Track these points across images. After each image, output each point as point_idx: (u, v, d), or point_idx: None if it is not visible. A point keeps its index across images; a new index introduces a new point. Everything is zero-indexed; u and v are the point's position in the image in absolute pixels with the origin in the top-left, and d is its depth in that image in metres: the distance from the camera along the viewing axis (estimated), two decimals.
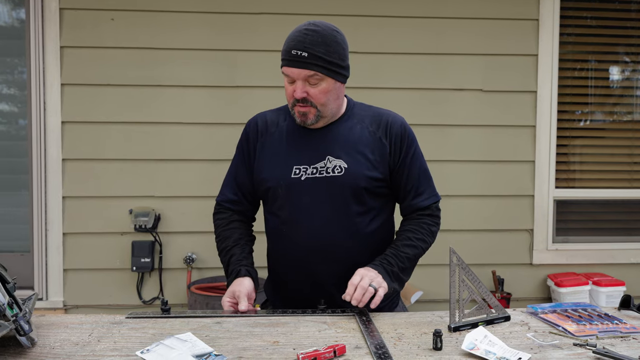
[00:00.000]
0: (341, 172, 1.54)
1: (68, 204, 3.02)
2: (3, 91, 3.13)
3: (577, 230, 3.34)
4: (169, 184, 3.03)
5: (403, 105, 3.09)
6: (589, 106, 3.38)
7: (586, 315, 1.42)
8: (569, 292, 3.05)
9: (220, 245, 1.67)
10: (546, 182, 3.23)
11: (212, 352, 1.15)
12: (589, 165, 3.37)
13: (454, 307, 1.33)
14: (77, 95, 3.01)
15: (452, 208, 3.17)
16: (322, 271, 1.57)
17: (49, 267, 3.01)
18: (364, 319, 1.38)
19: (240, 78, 3.05)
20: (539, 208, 3.22)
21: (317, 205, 1.55)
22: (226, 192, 1.72)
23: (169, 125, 3.05)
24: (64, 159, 3.01)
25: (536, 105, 3.20)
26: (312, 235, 1.56)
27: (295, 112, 1.53)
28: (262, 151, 1.63)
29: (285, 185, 1.56)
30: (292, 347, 1.20)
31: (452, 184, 3.17)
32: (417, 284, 3.07)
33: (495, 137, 3.19)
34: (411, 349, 1.20)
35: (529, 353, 1.17)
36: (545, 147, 3.21)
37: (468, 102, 3.18)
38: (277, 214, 1.61)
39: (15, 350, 1.15)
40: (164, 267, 3.08)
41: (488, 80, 3.18)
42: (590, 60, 3.36)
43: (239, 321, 1.39)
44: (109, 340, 1.24)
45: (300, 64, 1.45)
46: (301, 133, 1.60)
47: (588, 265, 3.28)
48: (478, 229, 3.20)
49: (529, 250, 3.25)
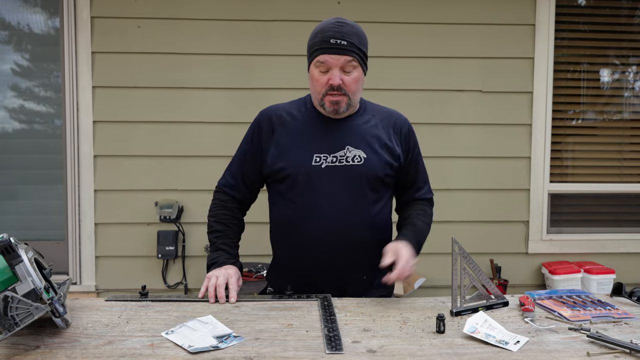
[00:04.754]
0: (361, 162, 1.52)
1: (99, 196, 3.04)
2: (40, 94, 3.15)
3: (570, 221, 3.29)
4: (191, 178, 3.03)
5: (407, 105, 3.06)
6: (582, 106, 3.32)
7: (580, 301, 1.40)
8: (562, 279, 3.01)
9: (214, 225, 1.63)
10: (541, 176, 3.18)
11: (231, 334, 1.15)
12: (581, 161, 3.31)
13: (455, 293, 1.32)
14: (107, 97, 3.02)
15: (453, 201, 3.14)
16: (336, 255, 1.53)
17: (82, 254, 3.03)
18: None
19: (256, 80, 3.04)
20: (534, 201, 3.18)
21: (337, 192, 1.51)
22: (228, 176, 1.68)
23: (191, 124, 3.05)
24: (95, 156, 3.02)
25: (532, 105, 3.15)
26: (329, 221, 1.51)
27: (325, 101, 1.49)
28: (280, 141, 1.56)
29: (305, 172, 1.51)
30: (305, 329, 1.19)
31: (452, 179, 3.14)
32: (420, 271, 3.05)
33: (493, 134, 3.15)
34: (416, 332, 1.19)
35: (526, 336, 1.15)
36: (540, 144, 3.16)
37: (468, 102, 3.14)
38: (294, 200, 1.55)
39: (51, 331, 1.16)
40: (187, 254, 3.09)
41: (487, 81, 3.13)
42: (583, 63, 3.30)
43: (256, 305, 1.38)
44: (137, 321, 1.24)
45: (340, 50, 1.43)
46: (320, 124, 1.56)
47: (580, 254, 3.23)
48: (477, 220, 3.17)
49: (524, 240, 3.21)
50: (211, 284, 1.43)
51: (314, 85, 1.51)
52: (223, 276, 1.44)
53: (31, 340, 1.11)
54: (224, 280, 1.43)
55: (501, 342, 1.11)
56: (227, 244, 1.59)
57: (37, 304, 1.06)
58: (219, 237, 1.60)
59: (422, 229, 1.61)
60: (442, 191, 3.11)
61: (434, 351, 1.07)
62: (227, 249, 1.57)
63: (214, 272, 1.47)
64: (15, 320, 1.04)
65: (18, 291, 1.08)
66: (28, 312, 1.05)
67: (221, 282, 1.42)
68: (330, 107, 1.50)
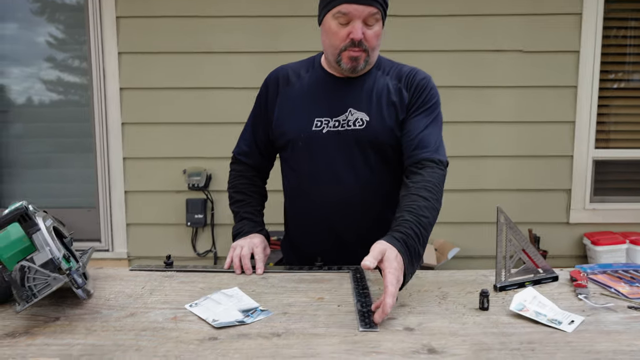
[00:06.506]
0: (362, 126, 1.36)
1: (128, 164, 3.01)
2: (69, 62, 3.10)
3: (615, 190, 3.09)
4: (218, 145, 2.96)
5: (442, 67, 2.89)
6: (632, 65, 3.06)
7: (638, 276, 1.26)
8: (606, 250, 2.85)
9: (234, 196, 1.53)
10: (586, 142, 2.98)
11: (258, 307, 1.07)
12: (628, 126, 3.08)
13: (500, 266, 1.20)
14: (133, 63, 2.95)
15: (490, 168, 2.98)
16: (342, 227, 1.41)
17: (113, 221, 3.03)
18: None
19: (283, 44, 2.91)
20: (577, 168, 2.99)
21: (338, 160, 1.37)
22: (241, 144, 1.57)
23: (216, 90, 2.95)
24: (123, 123, 2.97)
25: (578, 65, 2.92)
26: (331, 190, 1.39)
27: (343, 57, 1.32)
28: (283, 103, 1.44)
29: (305, 138, 1.38)
30: (336, 303, 1.10)
31: (490, 145, 2.97)
32: (454, 240, 2.93)
33: (535, 98, 2.95)
34: (457, 309, 1.08)
35: (581, 315, 1.03)
36: (586, 108, 2.94)
37: (507, 63, 2.93)
38: (295, 168, 1.44)
39: (72, 302, 1.11)
40: (216, 222, 3.05)
41: (528, 40, 2.91)
42: (635, 19, 3.02)
43: (284, 277, 1.30)
44: (161, 293, 1.18)
45: (364, 0, 1.26)
46: (325, 84, 1.41)
47: (625, 224, 3.04)
48: (515, 189, 3.00)
49: (566, 209, 3.04)
50: (235, 254, 1.35)
51: (330, 39, 1.33)
52: (248, 246, 1.36)
53: (52, 311, 1.06)
54: (248, 250, 1.35)
55: (553, 321, 1.00)
56: (250, 212, 1.50)
57: (55, 275, 1.00)
58: (242, 207, 1.52)
59: (424, 215, 1.19)
60: (478, 158, 2.95)
61: (478, 330, 0.97)
62: (251, 217, 1.49)
63: (239, 242, 1.39)
64: (33, 292, 0.98)
65: (35, 261, 1.02)
66: (46, 282, 1.00)
67: (246, 252, 1.34)
68: (348, 64, 1.33)
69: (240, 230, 1.46)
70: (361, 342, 0.92)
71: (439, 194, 1.26)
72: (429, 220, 1.20)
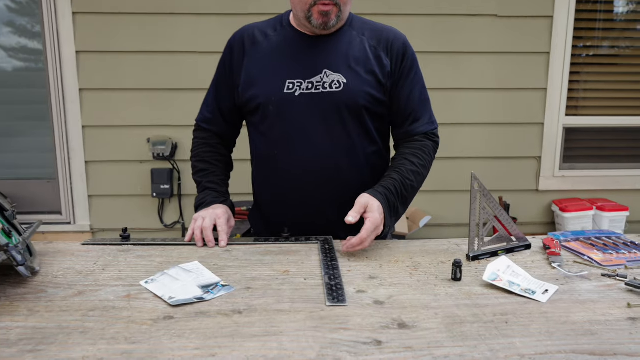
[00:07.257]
0: (340, 88, 1.27)
1: (88, 133, 2.85)
2: (20, 24, 2.87)
3: (584, 157, 3.10)
4: (184, 113, 2.82)
5: (415, 32, 2.79)
6: (604, 32, 3.02)
7: (611, 243, 1.24)
8: (573, 217, 2.87)
9: (197, 165, 1.44)
10: (557, 109, 2.96)
11: (219, 282, 1.00)
12: (598, 93, 3.07)
13: (473, 235, 1.15)
14: (90, 25, 2.75)
15: (462, 136, 2.95)
16: (317, 196, 1.34)
17: (74, 193, 2.89)
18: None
19: (252, 5, 2.76)
20: (548, 135, 2.98)
21: (312, 124, 1.29)
22: (204, 111, 1.47)
23: (183, 54, 2.80)
24: (80, 89, 2.79)
25: (552, 31, 2.87)
26: (306, 156, 1.31)
27: (314, 12, 1.23)
28: (250, 65, 1.33)
29: (276, 102, 1.29)
30: (303, 277, 1.04)
31: (463, 112, 2.92)
32: (426, 209, 2.90)
33: (508, 64, 2.90)
34: (429, 280, 1.03)
35: (555, 284, 1.00)
36: (558, 75, 2.92)
37: (481, 28, 2.86)
38: (266, 134, 1.35)
39: (15, 280, 1.01)
40: (183, 193, 2.94)
41: (503, 5, 2.84)
42: None
43: (249, 249, 1.23)
44: (114, 268, 1.09)
45: None
46: (295, 44, 1.31)
47: (593, 191, 3.08)
48: (486, 157, 2.98)
49: (535, 176, 3.04)
50: (197, 226, 1.26)
51: None
52: (210, 217, 1.28)
53: None
54: (210, 222, 1.26)
55: (527, 291, 0.96)
56: (214, 182, 1.41)
57: None
58: (205, 176, 1.42)
59: (410, 180, 1.29)
60: (449, 125, 2.91)
61: (451, 302, 0.93)
62: (214, 187, 1.40)
63: (201, 213, 1.30)
64: None
65: None
66: None
67: (208, 223, 1.26)
68: (319, 19, 1.24)
69: (203, 201, 1.38)
70: (328, 317, 0.86)
71: (428, 162, 1.35)
72: (413, 184, 1.29)
